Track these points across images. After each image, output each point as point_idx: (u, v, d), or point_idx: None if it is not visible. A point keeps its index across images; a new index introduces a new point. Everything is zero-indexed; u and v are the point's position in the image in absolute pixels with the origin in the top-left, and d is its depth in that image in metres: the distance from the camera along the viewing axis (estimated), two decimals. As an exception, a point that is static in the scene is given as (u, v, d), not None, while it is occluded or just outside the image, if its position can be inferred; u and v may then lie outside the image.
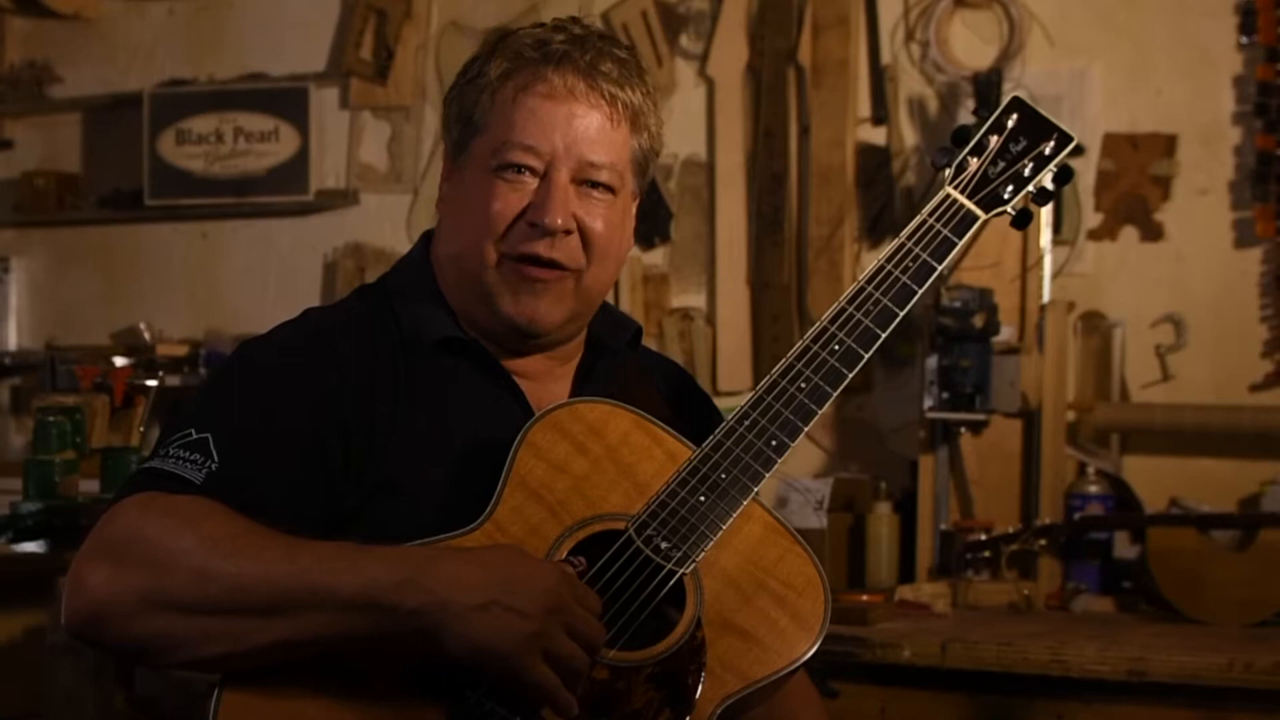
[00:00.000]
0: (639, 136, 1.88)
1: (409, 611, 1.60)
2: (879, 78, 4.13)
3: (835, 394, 1.79)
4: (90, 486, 3.59)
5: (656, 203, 4.36)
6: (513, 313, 1.84)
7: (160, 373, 4.37)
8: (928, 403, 3.71)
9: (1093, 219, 3.96)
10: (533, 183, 1.83)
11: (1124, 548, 3.69)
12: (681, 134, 4.33)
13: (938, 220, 1.86)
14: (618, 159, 1.86)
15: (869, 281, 1.83)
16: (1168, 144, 3.92)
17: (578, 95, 1.83)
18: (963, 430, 3.74)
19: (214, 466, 1.69)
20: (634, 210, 1.95)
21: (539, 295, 1.84)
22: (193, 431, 1.72)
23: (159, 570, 1.60)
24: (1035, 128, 1.91)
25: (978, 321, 3.64)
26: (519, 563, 1.65)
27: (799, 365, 1.80)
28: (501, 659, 1.61)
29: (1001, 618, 3.46)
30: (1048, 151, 1.90)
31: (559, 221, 1.81)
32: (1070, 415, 3.84)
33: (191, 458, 1.70)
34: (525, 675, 1.62)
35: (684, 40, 4.37)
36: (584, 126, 1.83)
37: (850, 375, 1.80)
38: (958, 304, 3.64)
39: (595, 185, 1.85)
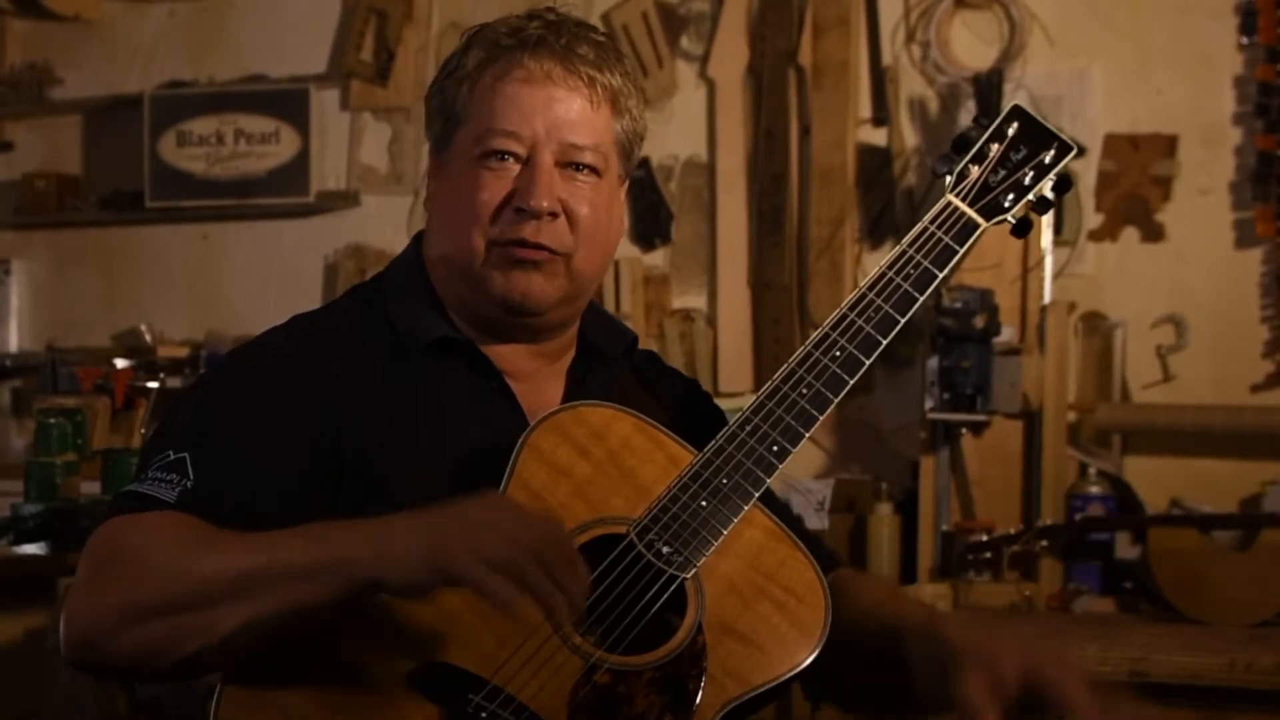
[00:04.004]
0: (620, 119, 1.87)
1: (356, 561, 1.57)
2: (879, 79, 4.13)
3: (837, 400, 1.79)
4: (91, 488, 3.59)
5: (657, 204, 4.36)
6: (504, 290, 1.82)
7: (161, 374, 4.37)
8: (929, 404, 3.71)
9: (1093, 219, 3.96)
10: (516, 169, 1.82)
11: (1125, 548, 3.69)
12: (682, 135, 4.34)
13: (939, 228, 1.85)
14: (600, 141, 1.85)
15: (871, 288, 1.83)
16: (1168, 144, 3.91)
17: (555, 79, 1.82)
18: (964, 431, 3.74)
19: (188, 484, 1.69)
20: (622, 196, 1.93)
21: (530, 273, 1.82)
22: (171, 453, 1.72)
23: (130, 584, 1.61)
24: (1036, 136, 1.90)
25: (979, 322, 3.64)
26: (486, 501, 1.63)
27: (801, 371, 1.79)
28: (435, 558, 1.55)
29: (1003, 619, 3.46)
30: (1048, 160, 1.89)
31: (544, 204, 1.80)
32: (1071, 416, 3.84)
33: (167, 478, 1.70)
34: (455, 569, 1.55)
35: (685, 41, 4.37)
36: (564, 110, 1.82)
37: (852, 381, 1.79)
38: (959, 305, 3.64)
39: (579, 168, 1.84)
